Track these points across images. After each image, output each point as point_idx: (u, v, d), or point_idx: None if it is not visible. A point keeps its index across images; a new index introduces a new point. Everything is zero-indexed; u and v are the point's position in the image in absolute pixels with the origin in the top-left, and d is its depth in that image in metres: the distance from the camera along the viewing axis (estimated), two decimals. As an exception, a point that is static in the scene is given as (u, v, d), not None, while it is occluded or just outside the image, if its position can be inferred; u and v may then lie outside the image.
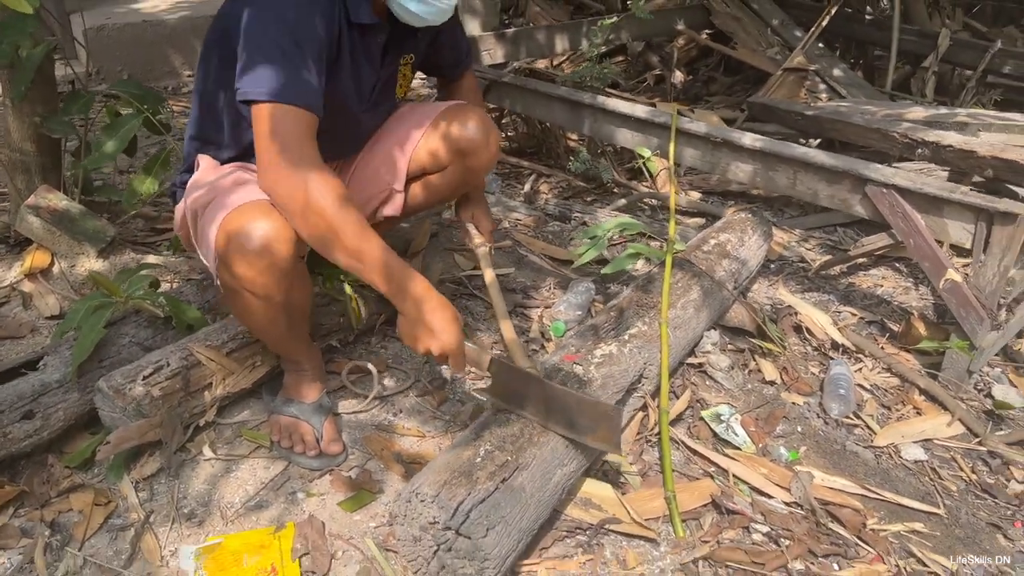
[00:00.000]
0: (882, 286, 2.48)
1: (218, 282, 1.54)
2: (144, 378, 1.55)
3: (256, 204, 1.43)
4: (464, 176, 1.89)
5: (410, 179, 1.90)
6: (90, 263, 2.16)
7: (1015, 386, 2.05)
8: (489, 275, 1.80)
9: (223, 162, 1.70)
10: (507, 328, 1.66)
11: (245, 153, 1.67)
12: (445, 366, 1.68)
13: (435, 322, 1.40)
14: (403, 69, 1.80)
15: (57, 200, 2.18)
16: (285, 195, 1.37)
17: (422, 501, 1.30)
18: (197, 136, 1.72)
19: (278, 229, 1.40)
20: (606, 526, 1.51)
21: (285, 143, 1.36)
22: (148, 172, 2.22)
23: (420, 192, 1.93)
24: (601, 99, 2.55)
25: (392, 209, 1.90)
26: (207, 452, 1.64)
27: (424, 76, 2.15)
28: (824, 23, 3.70)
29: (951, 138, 2.20)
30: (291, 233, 1.41)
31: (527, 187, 3.09)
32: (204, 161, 1.70)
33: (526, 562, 1.42)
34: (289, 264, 1.43)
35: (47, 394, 1.55)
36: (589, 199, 3.06)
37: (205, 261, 1.57)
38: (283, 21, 1.40)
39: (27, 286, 2.13)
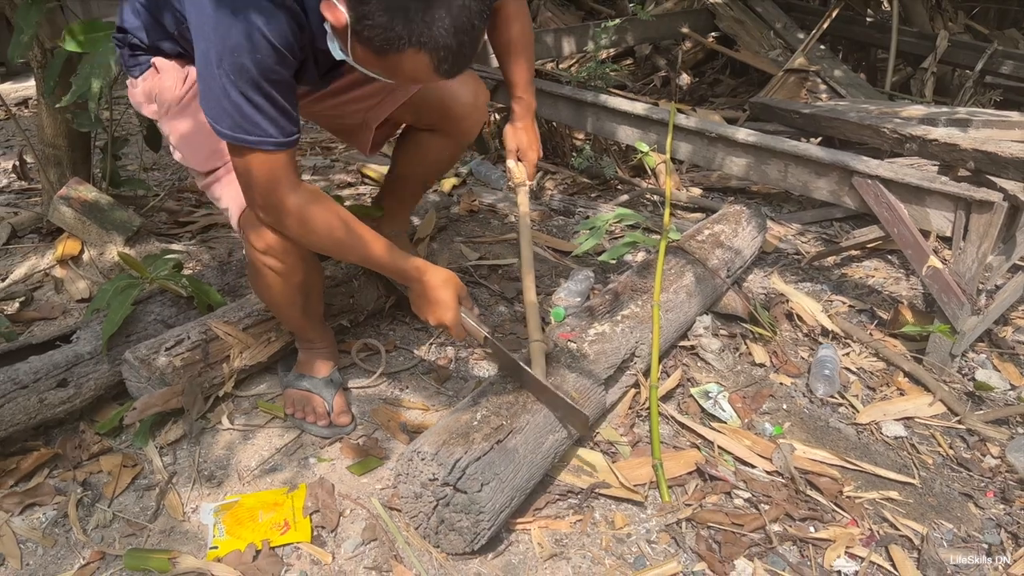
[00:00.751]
0: (873, 276, 2.57)
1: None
2: (167, 349, 1.67)
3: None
4: (449, 142, 1.95)
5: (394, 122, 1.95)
6: (117, 251, 2.29)
7: (999, 370, 2.13)
8: (524, 219, 1.83)
9: (175, 58, 1.62)
10: (529, 286, 1.76)
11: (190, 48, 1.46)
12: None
13: (434, 298, 1.51)
14: None
15: (87, 192, 2.31)
16: (274, 233, 1.47)
17: (422, 459, 1.41)
18: (149, 38, 1.60)
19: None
20: (596, 490, 1.61)
21: (262, 188, 1.38)
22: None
23: (406, 152, 1.98)
24: (603, 97, 2.66)
25: (367, 148, 1.92)
26: (225, 422, 1.76)
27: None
28: (825, 25, 3.79)
29: (936, 132, 2.28)
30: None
31: (533, 183, 3.20)
32: (164, 65, 1.61)
33: (520, 520, 1.53)
34: (307, 251, 1.55)
35: (79, 365, 1.68)
36: (593, 195, 3.17)
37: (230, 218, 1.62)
38: (250, 60, 1.27)
39: (59, 272, 2.27)
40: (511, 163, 2.01)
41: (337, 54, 1.31)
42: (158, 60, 1.63)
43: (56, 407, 1.64)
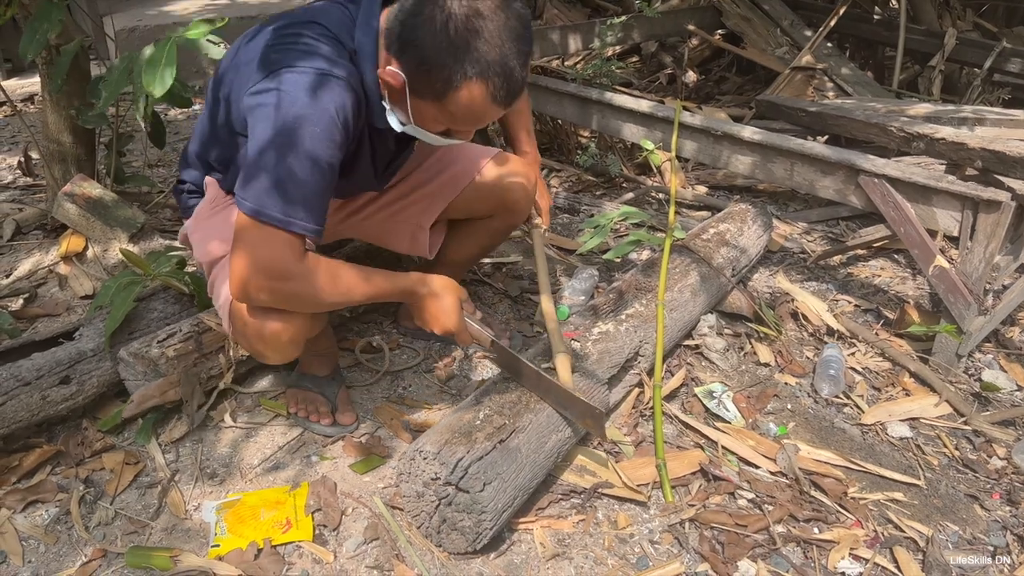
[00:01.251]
0: (879, 276, 2.56)
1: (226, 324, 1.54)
2: (159, 342, 1.68)
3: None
4: (507, 222, 1.90)
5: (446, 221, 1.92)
6: (120, 248, 2.29)
7: (1005, 371, 2.12)
8: (541, 260, 1.84)
9: (227, 190, 1.64)
10: (548, 305, 1.75)
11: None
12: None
13: (436, 307, 1.48)
14: None
15: (91, 188, 2.32)
16: (268, 299, 1.33)
17: (425, 458, 1.40)
18: (202, 154, 1.65)
19: (286, 325, 1.40)
20: (599, 490, 1.60)
21: (268, 256, 1.29)
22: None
23: (463, 240, 1.94)
24: (608, 95, 2.65)
25: (421, 250, 1.87)
26: (228, 419, 1.76)
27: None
28: (832, 23, 3.77)
29: (943, 131, 2.27)
30: (301, 326, 1.43)
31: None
32: (212, 188, 1.65)
33: (523, 520, 1.52)
34: (301, 339, 1.46)
35: (82, 362, 1.68)
36: (598, 193, 3.16)
37: (219, 311, 1.56)
38: (298, 136, 1.27)
39: (63, 268, 2.27)
40: (536, 233, 1.96)
41: (397, 125, 1.41)
42: (209, 181, 1.65)
43: (59, 404, 1.64)
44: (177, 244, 2.37)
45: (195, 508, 1.54)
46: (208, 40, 1.97)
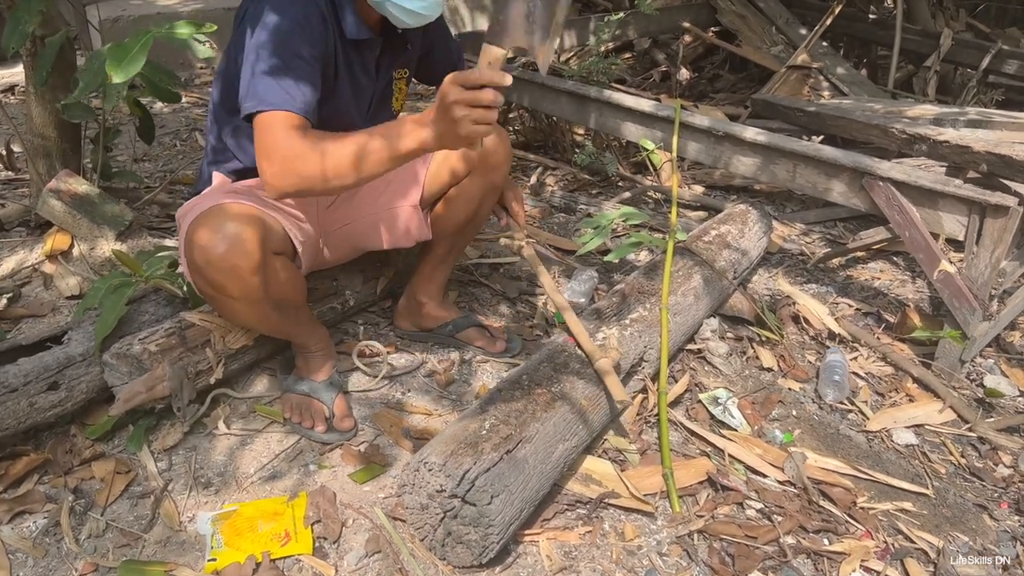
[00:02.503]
0: (879, 279, 2.54)
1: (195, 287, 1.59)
2: (140, 340, 1.63)
3: (222, 208, 1.49)
4: (486, 179, 1.89)
5: (436, 199, 1.92)
6: (109, 246, 2.22)
7: (1007, 376, 2.10)
8: (548, 281, 1.87)
9: (234, 180, 1.74)
10: (572, 320, 1.75)
11: (251, 170, 1.69)
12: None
13: (442, 123, 1.30)
14: (398, 83, 1.82)
15: (77, 184, 2.24)
16: (295, 176, 1.38)
17: (430, 470, 1.36)
18: (212, 161, 1.75)
19: (239, 230, 1.44)
20: (606, 500, 1.57)
21: (276, 140, 1.39)
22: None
23: (447, 208, 1.91)
24: (607, 93, 2.61)
25: (418, 231, 1.89)
26: (222, 426, 1.71)
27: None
28: (828, 22, 3.75)
29: (948, 134, 2.25)
30: (255, 233, 1.46)
31: (533, 179, 3.15)
32: (216, 178, 1.73)
33: (528, 531, 1.48)
34: (256, 262, 1.46)
35: (71, 367, 1.62)
36: (594, 192, 3.12)
37: (183, 269, 1.63)
38: (278, 36, 1.45)
39: (48, 267, 2.20)
40: (512, 223, 1.98)
41: None
42: (215, 173, 1.74)
43: (47, 411, 1.58)
44: (167, 243, 2.31)
45: (190, 519, 1.49)
46: (195, 39, 1.91)
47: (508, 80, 1.24)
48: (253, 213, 1.51)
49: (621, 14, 3.45)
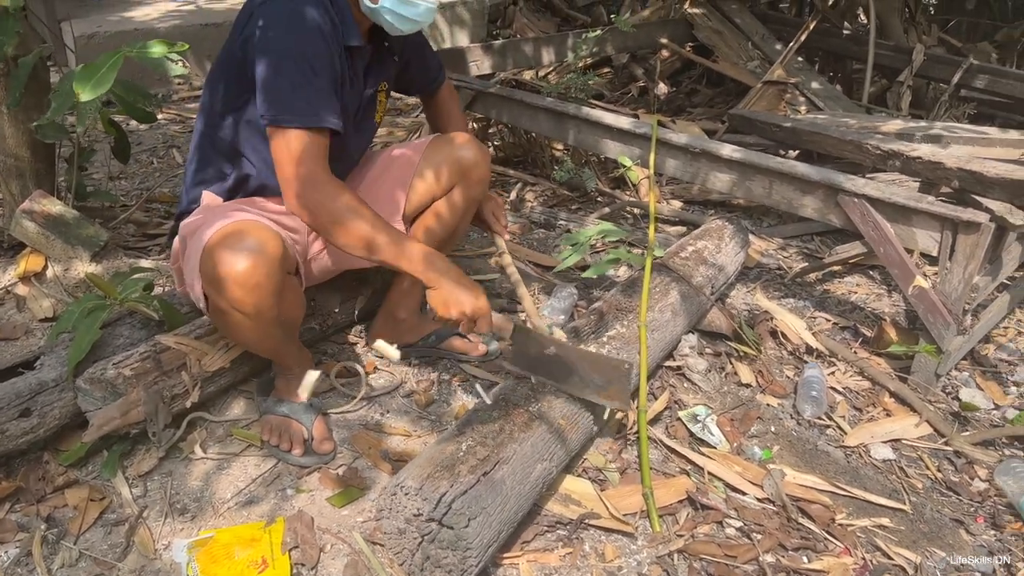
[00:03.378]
0: (856, 293, 2.56)
1: (202, 304, 1.59)
2: (114, 364, 1.61)
3: (242, 223, 1.49)
4: (467, 193, 1.90)
5: (417, 215, 1.93)
6: (84, 267, 2.20)
7: (982, 389, 2.13)
8: (517, 279, 1.88)
9: (226, 199, 1.73)
10: (529, 306, 1.79)
11: (240, 187, 1.73)
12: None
13: (467, 289, 1.52)
14: (380, 95, 1.84)
15: (51, 205, 2.22)
16: (319, 210, 1.48)
17: (406, 494, 1.35)
18: (199, 182, 1.73)
19: (263, 247, 1.44)
20: (586, 521, 1.57)
21: (312, 164, 1.47)
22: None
23: (427, 224, 1.92)
24: (585, 110, 2.62)
25: None
26: (198, 451, 1.69)
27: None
28: (803, 37, 3.79)
29: (921, 150, 2.28)
30: (277, 250, 1.46)
31: (513, 195, 3.16)
32: (207, 197, 1.72)
33: (508, 554, 1.48)
34: (277, 281, 1.47)
35: (43, 393, 1.60)
36: (574, 207, 3.13)
37: (189, 290, 1.60)
38: (297, 48, 1.48)
39: (21, 289, 2.18)
40: (496, 237, 2.01)
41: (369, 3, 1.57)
42: (205, 192, 1.73)
43: (18, 438, 1.56)
44: (143, 264, 2.29)
45: (165, 547, 1.47)
46: (167, 58, 1.91)
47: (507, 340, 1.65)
48: (272, 230, 1.51)
49: (599, 31, 3.47)
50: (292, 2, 1.49)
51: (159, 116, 3.65)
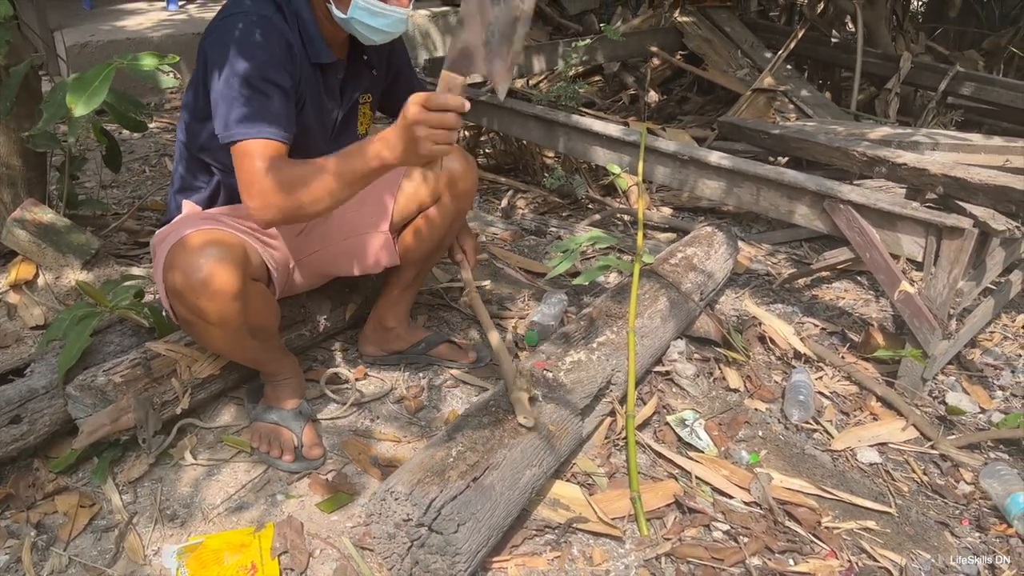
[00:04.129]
0: (843, 298, 2.58)
1: (171, 314, 1.61)
2: (104, 371, 1.62)
3: (204, 233, 1.50)
4: (454, 204, 1.90)
5: (404, 225, 1.93)
6: (75, 275, 2.20)
7: (968, 393, 2.14)
8: (481, 309, 1.89)
9: (205, 207, 1.75)
10: (494, 338, 1.77)
11: (219, 196, 1.74)
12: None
13: (404, 142, 1.33)
14: (363, 108, 1.85)
15: (43, 214, 2.23)
16: (277, 210, 1.43)
17: (396, 499, 1.36)
18: (180, 189, 1.76)
19: (223, 256, 1.46)
20: (574, 525, 1.58)
21: (260, 174, 1.43)
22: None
23: (415, 234, 1.92)
24: (575, 118, 2.64)
25: (388, 258, 1.89)
26: (188, 457, 1.69)
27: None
28: (792, 46, 3.83)
29: (906, 157, 2.30)
30: (236, 258, 1.47)
31: (504, 202, 3.18)
32: (186, 207, 1.74)
33: (497, 559, 1.49)
34: (238, 288, 1.47)
35: (34, 400, 1.60)
36: (564, 214, 3.15)
37: (163, 299, 1.62)
38: (249, 65, 1.47)
39: (12, 297, 2.18)
40: (460, 261, 2.03)
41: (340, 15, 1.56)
42: (185, 202, 1.75)
43: (8, 445, 1.56)
44: (134, 272, 2.29)
45: (155, 553, 1.48)
46: (159, 70, 1.92)
47: (467, 107, 1.30)
48: (233, 239, 1.52)
49: (589, 39, 3.49)
50: (246, 19, 1.50)
51: (151, 125, 3.66)
